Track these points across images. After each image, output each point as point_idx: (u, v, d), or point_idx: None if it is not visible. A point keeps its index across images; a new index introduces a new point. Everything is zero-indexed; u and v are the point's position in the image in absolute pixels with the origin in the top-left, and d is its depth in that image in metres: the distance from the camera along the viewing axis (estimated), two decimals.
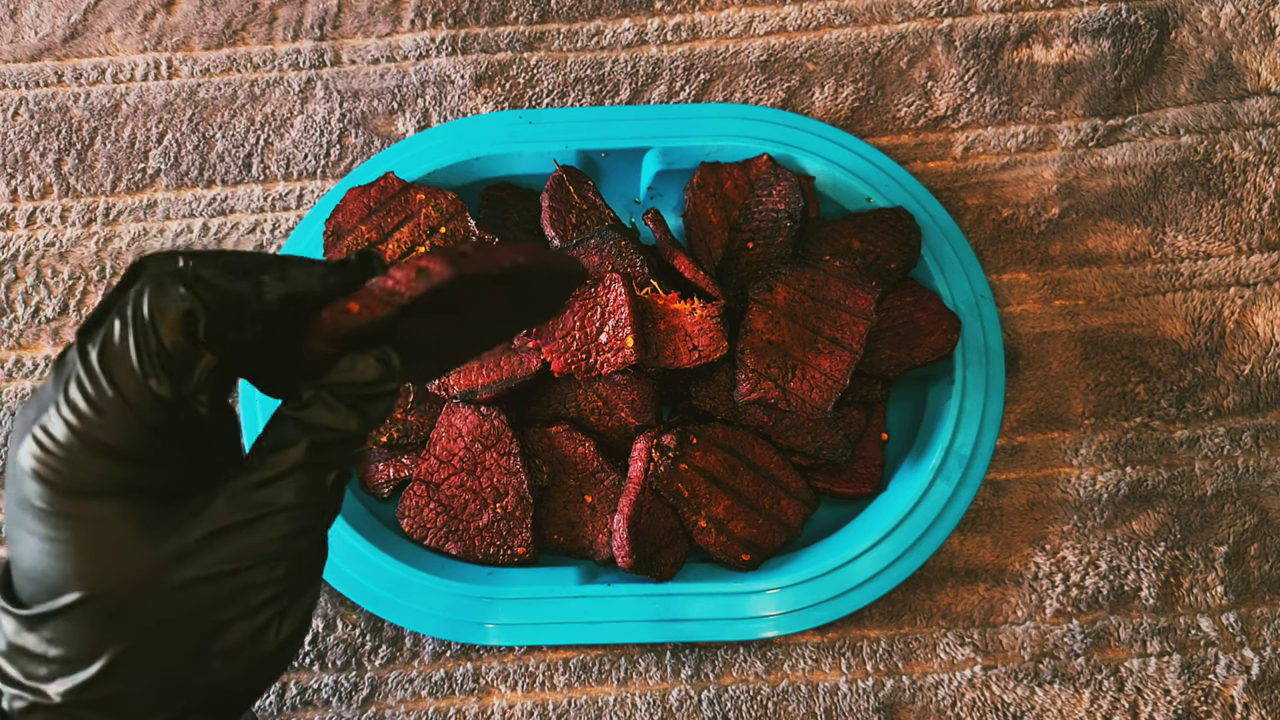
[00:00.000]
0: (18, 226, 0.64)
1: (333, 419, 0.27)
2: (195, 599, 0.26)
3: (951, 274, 0.59)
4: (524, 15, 0.68)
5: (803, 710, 0.54)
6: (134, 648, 0.26)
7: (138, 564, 0.25)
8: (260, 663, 0.28)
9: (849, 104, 0.66)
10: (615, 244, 0.55)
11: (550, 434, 0.55)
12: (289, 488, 0.27)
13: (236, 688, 0.28)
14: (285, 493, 0.27)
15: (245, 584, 0.27)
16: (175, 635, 0.26)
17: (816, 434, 0.55)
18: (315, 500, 0.28)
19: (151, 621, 0.26)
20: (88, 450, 0.25)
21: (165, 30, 0.68)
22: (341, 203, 0.58)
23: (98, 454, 0.25)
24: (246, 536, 0.27)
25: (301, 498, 0.27)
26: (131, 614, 0.26)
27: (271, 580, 0.27)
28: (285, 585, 0.27)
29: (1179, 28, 0.67)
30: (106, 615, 0.25)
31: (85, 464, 0.25)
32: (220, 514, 0.26)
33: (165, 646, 0.26)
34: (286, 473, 0.27)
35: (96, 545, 0.25)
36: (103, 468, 0.25)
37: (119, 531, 0.25)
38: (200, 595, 0.26)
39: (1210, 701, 0.54)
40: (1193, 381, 0.60)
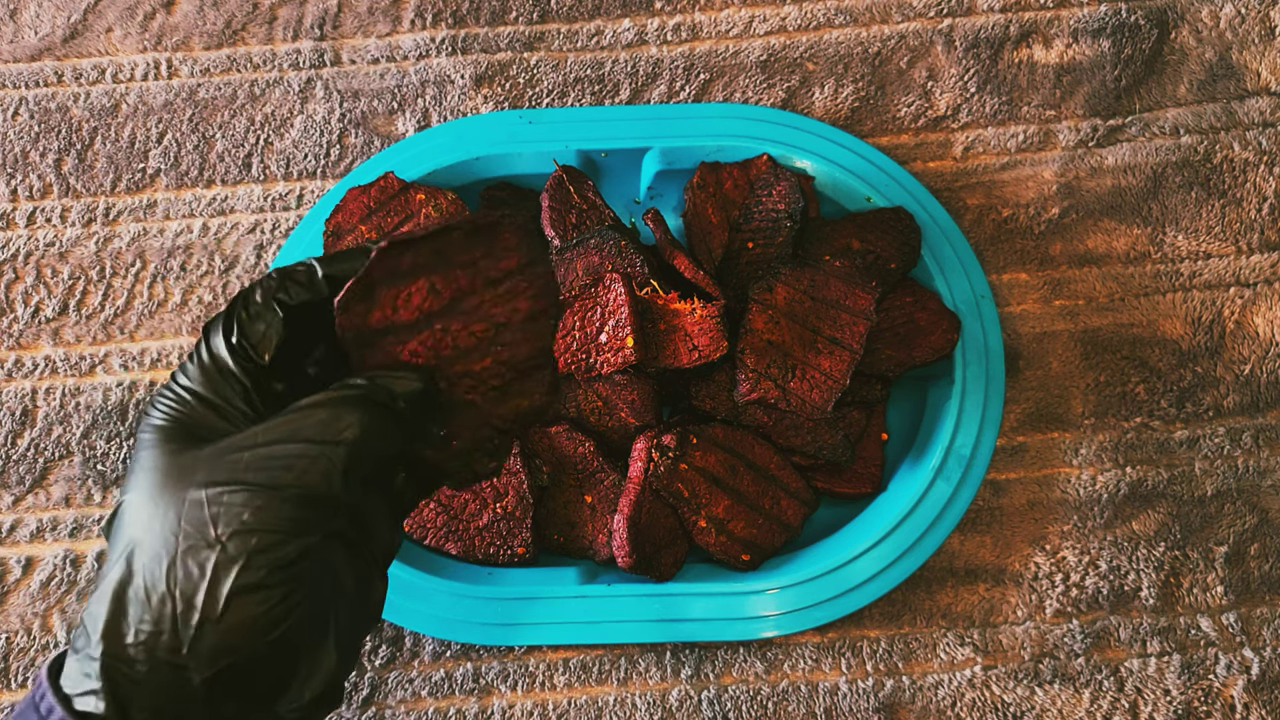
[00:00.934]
0: (18, 226, 0.64)
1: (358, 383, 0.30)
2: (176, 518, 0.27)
3: (951, 274, 0.59)
4: (524, 15, 0.68)
5: (803, 710, 0.54)
6: (134, 552, 0.27)
7: (156, 475, 0.28)
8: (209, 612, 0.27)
9: (849, 104, 0.66)
10: (615, 244, 0.55)
11: (550, 434, 0.55)
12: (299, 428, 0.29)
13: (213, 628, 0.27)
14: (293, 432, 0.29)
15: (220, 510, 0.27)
16: (165, 543, 0.27)
17: (816, 434, 0.55)
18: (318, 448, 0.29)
19: (153, 527, 0.27)
20: (175, 391, 0.30)
21: (165, 30, 0.68)
22: (341, 203, 0.58)
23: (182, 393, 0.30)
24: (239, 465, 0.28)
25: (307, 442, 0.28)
26: (141, 519, 0.28)
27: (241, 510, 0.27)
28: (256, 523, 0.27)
29: (1179, 28, 0.67)
30: (130, 518, 0.28)
31: (170, 401, 0.30)
32: (235, 441, 0.28)
33: (155, 554, 0.27)
34: (299, 413, 0.29)
35: (149, 459, 0.29)
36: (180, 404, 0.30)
37: (159, 447, 0.29)
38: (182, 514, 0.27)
39: (1210, 701, 0.54)
40: (1193, 381, 0.60)
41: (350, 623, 0.31)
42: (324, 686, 0.30)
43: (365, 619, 0.33)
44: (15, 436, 0.60)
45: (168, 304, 0.62)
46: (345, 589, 0.31)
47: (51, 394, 0.61)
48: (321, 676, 0.30)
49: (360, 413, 0.30)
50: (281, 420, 0.29)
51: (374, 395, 0.30)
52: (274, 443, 0.28)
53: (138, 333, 0.62)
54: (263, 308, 0.30)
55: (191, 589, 0.27)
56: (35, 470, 0.59)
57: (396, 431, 0.31)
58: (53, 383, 0.61)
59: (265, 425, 0.29)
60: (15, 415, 0.60)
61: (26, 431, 0.60)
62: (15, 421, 0.60)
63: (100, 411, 0.60)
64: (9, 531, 0.58)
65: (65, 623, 0.56)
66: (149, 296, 0.62)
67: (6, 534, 0.58)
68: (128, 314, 0.62)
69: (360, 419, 0.29)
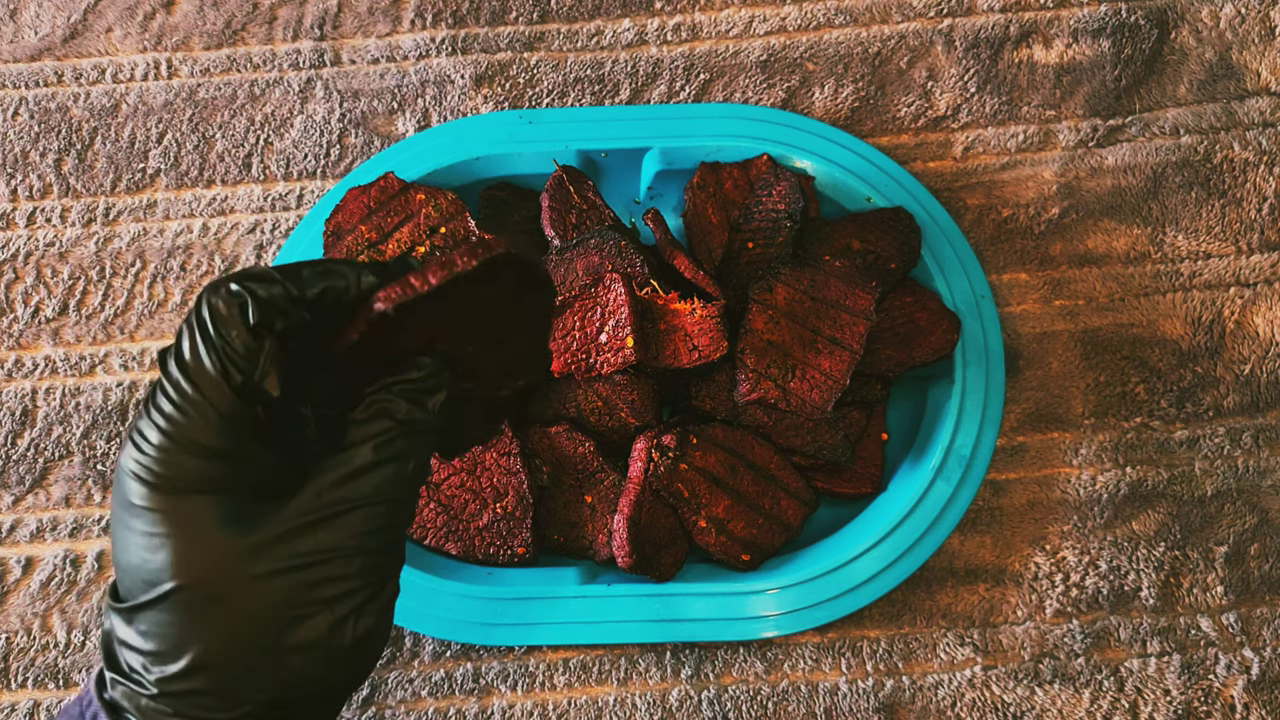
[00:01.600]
0: (18, 226, 0.64)
1: (395, 409, 0.29)
2: (273, 591, 0.27)
3: (951, 274, 0.59)
4: (524, 15, 0.68)
5: (803, 710, 0.54)
6: (218, 638, 0.27)
7: (222, 554, 0.27)
8: (336, 659, 0.28)
9: (849, 104, 0.66)
10: (615, 244, 0.55)
11: (550, 434, 0.55)
12: (365, 483, 0.28)
13: (312, 684, 0.28)
14: (362, 488, 0.28)
15: (321, 577, 0.28)
16: (254, 627, 0.27)
17: (816, 434, 0.55)
18: (390, 496, 0.29)
19: (233, 612, 0.27)
20: (177, 448, 0.27)
21: (165, 30, 0.68)
22: (341, 203, 0.58)
23: (186, 451, 0.27)
24: (325, 531, 0.28)
25: (377, 494, 0.29)
26: (216, 605, 0.27)
27: (348, 575, 0.28)
28: (362, 581, 0.28)
29: (1179, 28, 0.67)
30: (194, 605, 0.27)
31: (176, 461, 0.27)
32: (301, 508, 0.28)
33: (246, 638, 0.27)
34: (361, 469, 0.28)
35: (186, 537, 0.27)
36: (192, 464, 0.27)
37: (207, 523, 0.27)
38: (278, 587, 0.27)
39: (1210, 701, 0.54)
40: (1193, 381, 0.60)
41: None
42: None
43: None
44: (15, 436, 0.60)
45: (168, 304, 0.62)
46: None
47: (51, 394, 0.61)
48: None
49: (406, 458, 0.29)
50: (336, 477, 0.28)
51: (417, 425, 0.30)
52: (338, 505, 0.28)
53: (138, 333, 0.62)
54: (250, 341, 0.27)
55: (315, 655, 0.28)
56: (35, 470, 0.59)
57: (432, 445, 0.31)
58: (53, 383, 0.61)
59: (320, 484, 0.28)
60: (15, 415, 0.60)
61: (26, 431, 0.60)
62: (15, 421, 0.60)
63: (100, 411, 0.60)
64: (9, 531, 0.58)
65: (65, 623, 0.56)
66: (149, 296, 0.62)
67: (6, 534, 0.58)
68: (128, 314, 0.62)
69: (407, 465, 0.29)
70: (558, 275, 0.56)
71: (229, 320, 0.27)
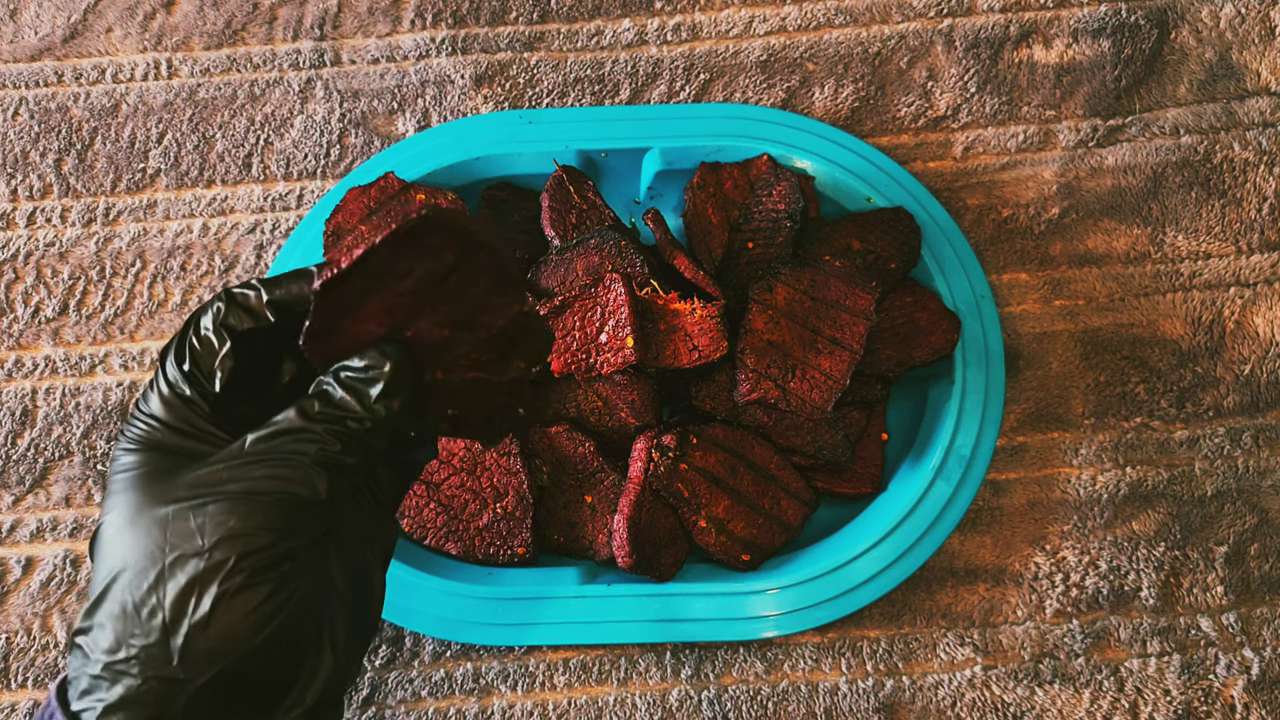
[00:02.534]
0: (18, 226, 0.64)
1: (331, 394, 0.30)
2: (160, 526, 0.28)
3: (951, 274, 0.59)
4: (524, 15, 0.68)
5: (803, 710, 0.54)
6: (111, 571, 0.28)
7: (140, 494, 0.29)
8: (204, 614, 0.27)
9: (849, 104, 0.66)
10: (615, 244, 0.55)
11: (550, 434, 0.55)
12: (279, 444, 0.29)
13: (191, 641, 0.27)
14: (276, 446, 0.29)
15: (207, 520, 0.28)
16: (142, 561, 0.28)
17: (816, 434, 0.55)
18: (300, 459, 0.29)
19: (127, 546, 0.28)
20: (141, 417, 0.31)
21: (165, 30, 0.68)
22: (341, 203, 0.58)
23: (149, 420, 0.31)
24: (227, 480, 0.29)
25: (289, 456, 0.29)
26: (119, 539, 0.28)
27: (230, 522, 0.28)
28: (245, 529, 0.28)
29: (1179, 28, 0.67)
30: (107, 539, 0.29)
31: (142, 430, 0.31)
32: (216, 458, 0.29)
33: (134, 574, 0.28)
34: (277, 432, 0.29)
35: (123, 481, 0.30)
36: (149, 432, 0.31)
37: (142, 472, 0.29)
38: (166, 523, 0.28)
39: (1210, 701, 0.54)
40: (1193, 381, 0.60)
41: (346, 625, 0.31)
42: (323, 691, 0.30)
43: (365, 623, 0.33)
44: (15, 436, 0.60)
45: (168, 304, 0.62)
46: (341, 594, 0.31)
47: (51, 394, 0.61)
48: (320, 680, 0.30)
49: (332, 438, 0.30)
50: (258, 436, 0.30)
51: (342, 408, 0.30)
52: (253, 456, 0.29)
53: (138, 333, 0.62)
54: (213, 335, 0.31)
55: (179, 598, 0.27)
56: (35, 470, 0.59)
57: (376, 434, 0.31)
58: (53, 383, 0.61)
59: (243, 441, 0.30)
60: (15, 415, 0.60)
61: (26, 431, 0.60)
62: (15, 421, 0.60)
63: (100, 411, 0.60)
64: (9, 531, 0.58)
65: (65, 623, 0.56)
66: (149, 296, 0.62)
67: (6, 534, 0.58)
68: (128, 314, 0.62)
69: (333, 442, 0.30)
70: (558, 275, 0.56)
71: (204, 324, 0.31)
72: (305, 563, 0.29)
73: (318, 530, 0.30)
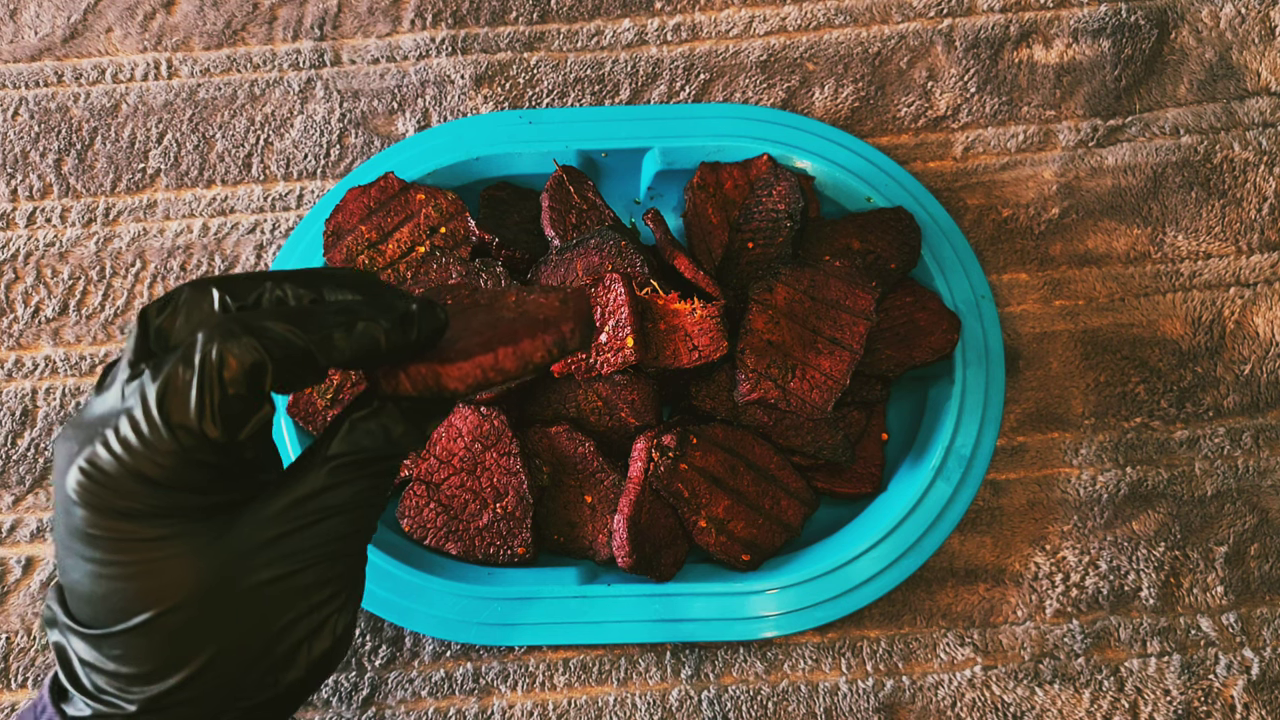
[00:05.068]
0: (18, 226, 0.64)
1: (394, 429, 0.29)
2: (267, 597, 0.27)
3: (951, 274, 0.59)
4: (524, 15, 0.68)
5: (803, 710, 0.54)
6: (215, 652, 0.27)
7: (202, 575, 0.26)
8: (318, 661, 0.29)
9: (849, 104, 0.66)
10: (615, 244, 0.55)
11: (550, 434, 0.55)
12: (350, 490, 0.28)
13: (297, 689, 0.29)
14: (345, 494, 0.28)
15: (309, 582, 0.28)
16: (246, 639, 0.27)
17: (816, 434, 0.55)
18: (373, 502, 0.29)
19: (230, 625, 0.27)
20: (134, 478, 0.25)
21: (165, 30, 0.68)
22: (341, 203, 0.58)
23: (144, 482, 0.26)
24: (308, 536, 0.28)
25: (362, 500, 0.29)
26: (208, 621, 0.27)
27: (332, 578, 0.28)
28: (344, 583, 0.29)
29: (1179, 28, 0.67)
30: (181, 627, 0.26)
31: (132, 492, 0.26)
32: (281, 517, 0.28)
33: (238, 651, 0.27)
34: (351, 478, 0.28)
35: (155, 564, 0.26)
36: (150, 495, 0.26)
37: (176, 549, 0.26)
38: (271, 593, 0.27)
39: (1210, 701, 0.54)
40: (1193, 381, 0.60)
41: None
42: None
43: None
44: (15, 436, 0.60)
45: None
46: None
47: (51, 394, 0.61)
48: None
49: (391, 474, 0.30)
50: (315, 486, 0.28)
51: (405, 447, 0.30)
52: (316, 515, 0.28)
53: None
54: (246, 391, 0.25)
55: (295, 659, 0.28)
56: (35, 470, 0.59)
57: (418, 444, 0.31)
58: (53, 383, 0.61)
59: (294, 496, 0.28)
60: (15, 415, 0.60)
61: (26, 431, 0.60)
62: (15, 421, 0.60)
63: None
64: (9, 531, 0.58)
65: None
66: (149, 296, 0.62)
67: (6, 534, 0.58)
68: (128, 314, 0.62)
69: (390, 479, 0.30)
70: (558, 275, 0.56)
71: (238, 377, 0.25)
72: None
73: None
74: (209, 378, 0.25)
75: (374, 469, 0.29)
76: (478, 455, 0.54)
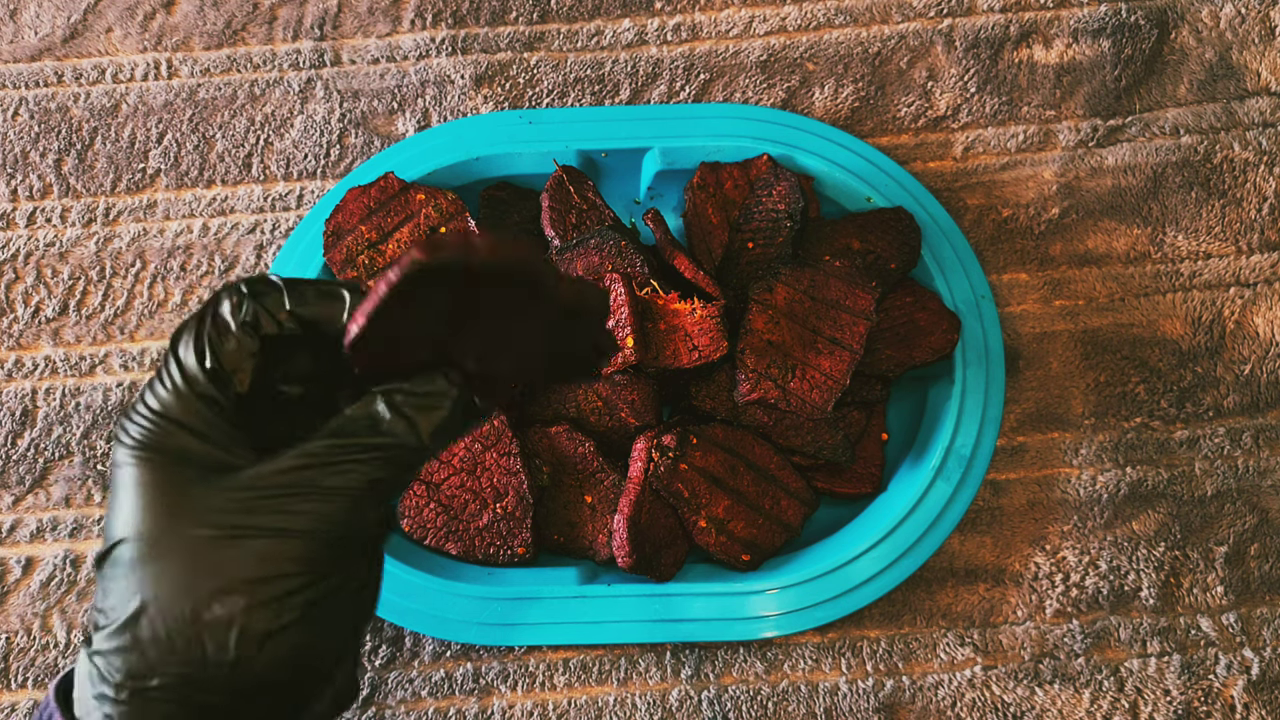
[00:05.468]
0: (18, 226, 0.64)
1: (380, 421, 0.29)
2: (201, 556, 0.27)
3: (951, 274, 0.59)
4: (524, 15, 0.68)
5: (803, 710, 0.54)
6: (144, 597, 0.27)
7: (166, 511, 0.27)
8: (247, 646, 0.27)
9: (849, 104, 0.66)
10: (615, 244, 0.55)
11: (550, 434, 0.55)
12: (328, 473, 0.28)
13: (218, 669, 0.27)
14: (325, 478, 0.28)
15: (252, 553, 0.27)
16: (176, 590, 0.27)
17: (816, 434, 0.55)
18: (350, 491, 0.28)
19: (162, 572, 0.27)
20: (155, 417, 0.28)
21: (165, 30, 0.68)
22: (341, 203, 0.58)
23: (162, 420, 0.28)
24: (270, 510, 0.27)
25: (339, 488, 0.28)
26: (150, 562, 0.27)
27: (280, 557, 0.27)
28: (294, 567, 0.27)
29: (1179, 28, 0.67)
30: (133, 560, 0.27)
31: (151, 428, 0.28)
32: (255, 482, 0.28)
33: (167, 601, 0.27)
34: (329, 460, 0.28)
35: (141, 492, 0.28)
36: (164, 432, 0.28)
37: (162, 483, 0.28)
38: (206, 553, 0.27)
39: (1210, 701, 0.54)
40: (1193, 381, 0.60)
41: (359, 640, 0.32)
42: (335, 701, 0.31)
43: (370, 610, 0.32)
44: (15, 436, 0.60)
45: (168, 304, 0.62)
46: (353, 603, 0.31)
47: (51, 394, 0.61)
48: (340, 674, 0.30)
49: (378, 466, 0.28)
50: (297, 463, 0.28)
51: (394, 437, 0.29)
52: (292, 488, 0.28)
53: (138, 333, 0.62)
54: (238, 334, 0.29)
55: (224, 633, 0.26)
56: (35, 470, 0.59)
57: (422, 461, 0.30)
58: (53, 383, 0.61)
59: (279, 464, 0.28)
60: (15, 415, 0.60)
61: (26, 431, 0.60)
62: (15, 421, 0.60)
63: (100, 411, 0.60)
64: (9, 531, 0.58)
65: (65, 623, 0.56)
66: (149, 296, 0.62)
67: (6, 534, 0.58)
68: (128, 314, 0.62)
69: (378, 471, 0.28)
70: None
71: (225, 318, 0.29)
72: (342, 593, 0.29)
73: (358, 561, 0.29)
74: (201, 315, 0.29)
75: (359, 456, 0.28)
76: (478, 455, 0.54)
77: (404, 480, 0.30)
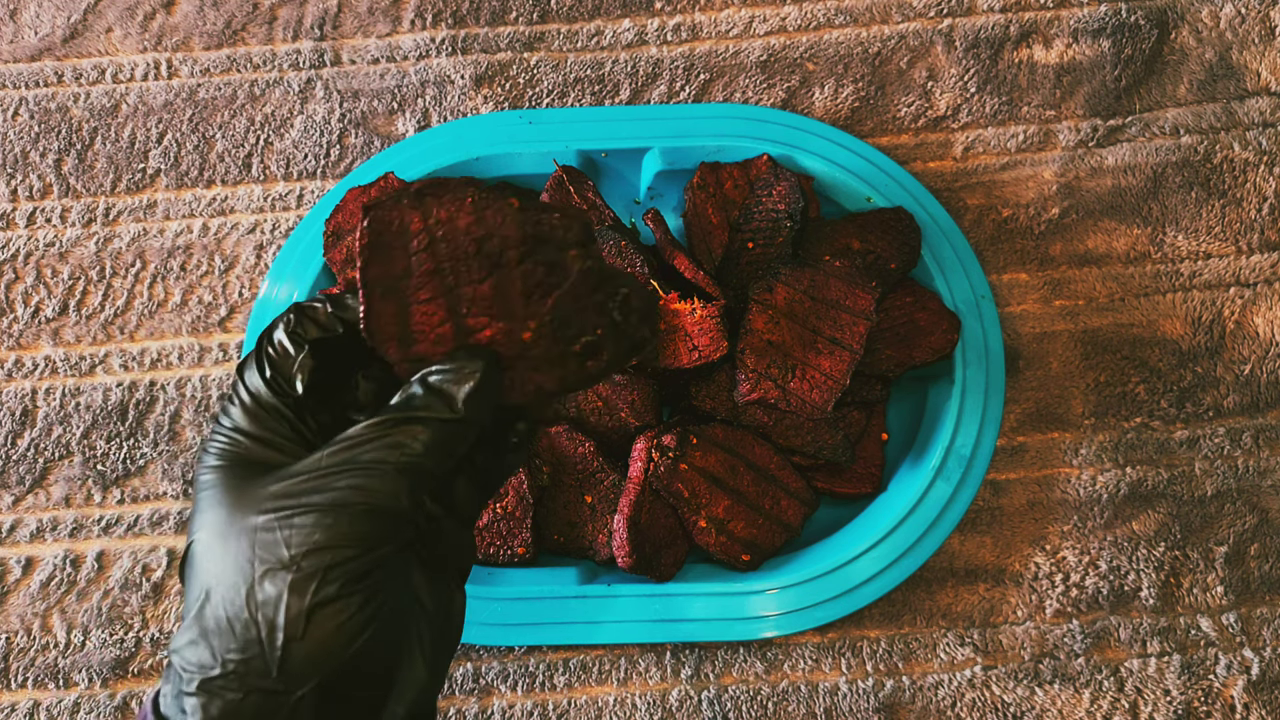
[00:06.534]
0: (18, 226, 0.64)
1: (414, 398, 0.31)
2: (252, 540, 0.28)
3: (951, 274, 0.59)
4: (524, 15, 0.68)
5: (803, 710, 0.54)
6: (205, 587, 0.28)
7: (226, 507, 0.29)
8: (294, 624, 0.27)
9: (849, 104, 0.66)
10: (615, 244, 0.55)
11: (550, 434, 0.55)
12: (365, 450, 0.29)
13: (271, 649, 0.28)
14: (362, 454, 0.29)
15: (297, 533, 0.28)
16: (233, 574, 0.28)
17: (816, 434, 0.55)
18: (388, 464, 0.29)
19: (218, 562, 0.28)
20: (224, 430, 0.31)
21: (165, 30, 0.68)
22: (341, 203, 0.58)
23: (232, 432, 0.31)
24: (313, 491, 0.29)
25: (376, 461, 0.29)
26: (210, 554, 0.29)
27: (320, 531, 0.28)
28: (333, 540, 0.28)
29: (1179, 28, 0.67)
30: (197, 556, 0.29)
31: (223, 440, 0.31)
32: (300, 470, 0.29)
33: (225, 588, 0.28)
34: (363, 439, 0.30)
35: (207, 497, 0.30)
36: (231, 442, 0.31)
37: (226, 485, 0.30)
38: (257, 537, 0.28)
39: (1210, 701, 0.54)
40: (1193, 381, 0.60)
41: (433, 639, 0.32)
42: (414, 703, 0.31)
43: (448, 635, 0.33)
44: (15, 436, 0.60)
45: (168, 304, 0.62)
46: (424, 605, 0.32)
47: (51, 394, 0.61)
48: (413, 692, 0.31)
49: (419, 429, 0.30)
50: (340, 445, 0.30)
51: (428, 410, 0.30)
52: (336, 467, 0.29)
53: (138, 333, 0.62)
54: (288, 343, 0.32)
55: (273, 610, 0.27)
56: (35, 470, 0.59)
57: (460, 436, 0.31)
58: (53, 383, 0.61)
59: (325, 451, 0.30)
60: (15, 415, 0.60)
61: (26, 431, 0.60)
62: (15, 421, 0.60)
63: (100, 411, 0.60)
64: (9, 531, 0.58)
65: (65, 623, 0.56)
66: (149, 296, 0.62)
67: (6, 534, 0.58)
68: (128, 314, 0.62)
69: (420, 436, 0.30)
70: None
71: (278, 334, 0.32)
72: (393, 572, 0.30)
73: (403, 539, 0.30)
74: (262, 338, 0.32)
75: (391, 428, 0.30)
76: None
77: (448, 455, 0.31)
